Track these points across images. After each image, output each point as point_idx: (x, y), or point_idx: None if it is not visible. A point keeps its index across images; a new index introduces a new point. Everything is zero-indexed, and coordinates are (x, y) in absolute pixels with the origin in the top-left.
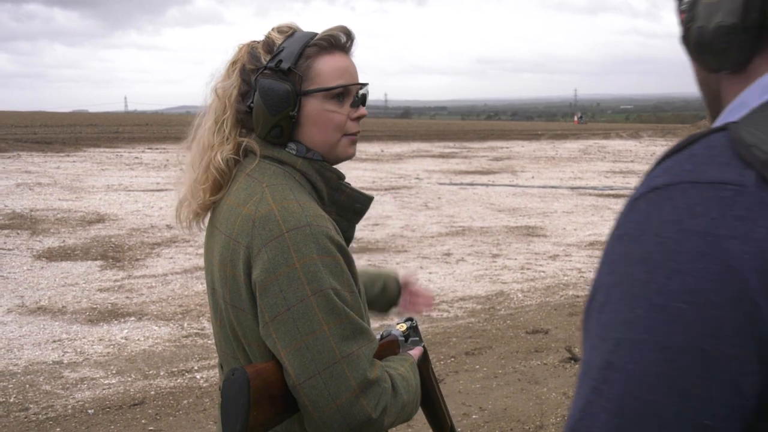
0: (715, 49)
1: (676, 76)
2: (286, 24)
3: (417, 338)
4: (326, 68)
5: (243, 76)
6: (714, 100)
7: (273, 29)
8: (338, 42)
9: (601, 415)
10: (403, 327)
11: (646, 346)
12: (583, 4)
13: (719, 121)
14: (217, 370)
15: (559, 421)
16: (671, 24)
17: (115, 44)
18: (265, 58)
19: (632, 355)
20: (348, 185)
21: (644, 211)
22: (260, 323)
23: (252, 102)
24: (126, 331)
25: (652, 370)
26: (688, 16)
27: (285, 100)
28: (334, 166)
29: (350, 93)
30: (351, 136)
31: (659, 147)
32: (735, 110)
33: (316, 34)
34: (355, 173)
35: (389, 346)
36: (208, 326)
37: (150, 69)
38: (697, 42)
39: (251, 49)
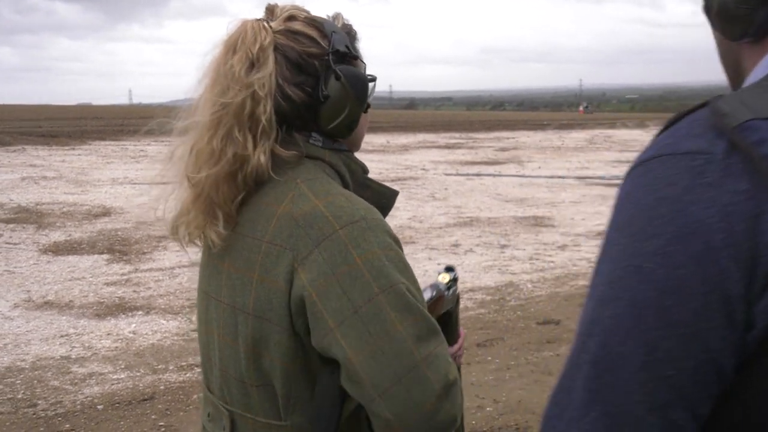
0: (737, 16)
1: (682, 66)
2: (296, 5)
3: (455, 287)
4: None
5: (298, 61)
6: (735, 72)
7: (294, 8)
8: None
9: (584, 366)
10: (447, 278)
11: (620, 303)
12: None
13: None
14: None
15: None
16: (676, 13)
17: (119, 37)
18: (322, 42)
19: (609, 311)
20: (373, 180)
21: (631, 182)
22: (320, 333)
23: (326, 91)
24: (134, 325)
25: (624, 324)
26: None
27: (367, 89)
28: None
29: None
30: None
31: None
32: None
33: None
34: None
35: (438, 303)
36: None
37: (154, 62)
38: (719, 9)
39: (296, 30)
